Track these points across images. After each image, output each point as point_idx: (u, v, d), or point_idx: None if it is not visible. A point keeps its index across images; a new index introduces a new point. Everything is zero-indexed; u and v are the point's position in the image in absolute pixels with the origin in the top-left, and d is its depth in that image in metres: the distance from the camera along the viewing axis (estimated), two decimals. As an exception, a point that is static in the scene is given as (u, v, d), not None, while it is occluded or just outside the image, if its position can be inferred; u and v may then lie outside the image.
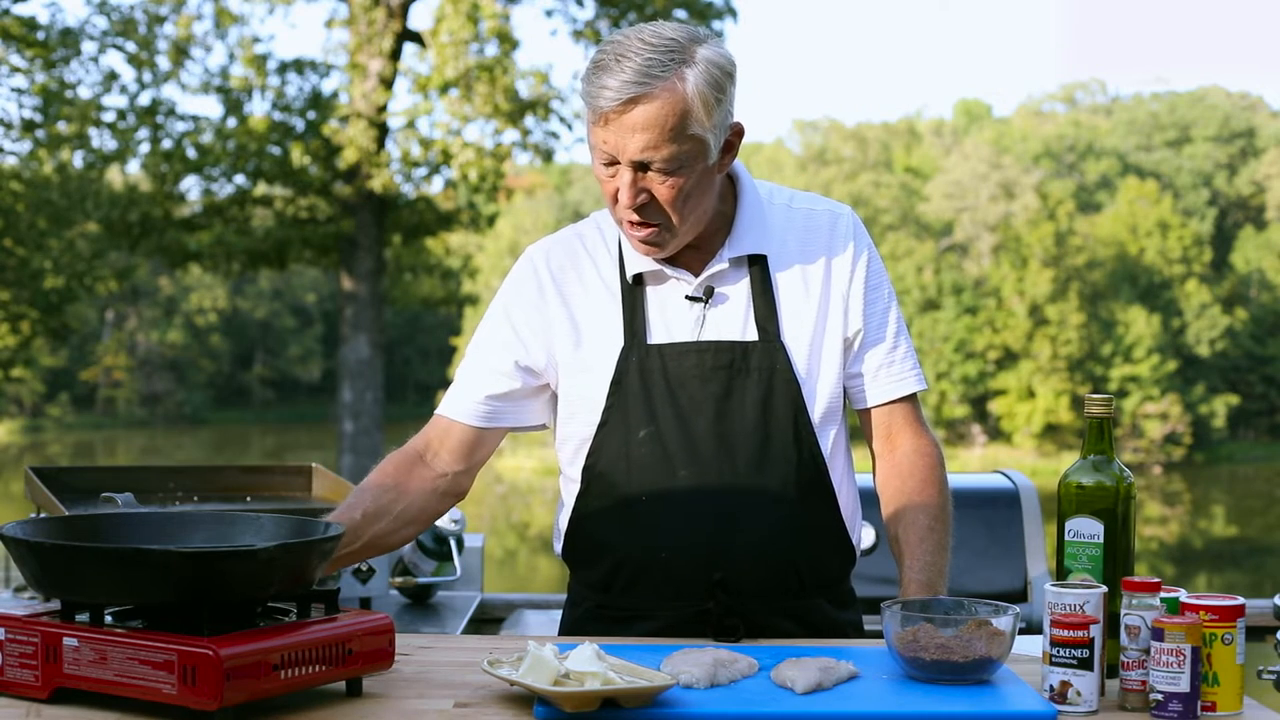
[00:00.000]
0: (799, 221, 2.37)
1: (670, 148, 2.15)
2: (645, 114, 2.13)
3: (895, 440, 2.39)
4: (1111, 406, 2.03)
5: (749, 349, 2.27)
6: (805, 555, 2.30)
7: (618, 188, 2.20)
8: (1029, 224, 40.15)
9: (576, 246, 2.38)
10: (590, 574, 2.36)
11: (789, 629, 2.28)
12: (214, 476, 3.37)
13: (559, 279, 2.35)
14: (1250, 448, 41.93)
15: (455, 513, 3.39)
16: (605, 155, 2.19)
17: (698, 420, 2.25)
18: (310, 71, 17.28)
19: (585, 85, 2.18)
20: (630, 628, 2.30)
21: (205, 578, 1.75)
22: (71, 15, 47.15)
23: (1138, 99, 51.45)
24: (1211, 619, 1.84)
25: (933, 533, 2.32)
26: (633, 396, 2.26)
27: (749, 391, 2.26)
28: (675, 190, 2.19)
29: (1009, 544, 3.75)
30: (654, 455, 2.26)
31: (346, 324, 17.18)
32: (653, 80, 2.13)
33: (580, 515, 2.33)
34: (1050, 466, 33.83)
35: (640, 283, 2.32)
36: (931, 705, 1.83)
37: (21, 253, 16.47)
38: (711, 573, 2.23)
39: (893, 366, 2.37)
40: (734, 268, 2.32)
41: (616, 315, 2.31)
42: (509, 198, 19.84)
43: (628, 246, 2.32)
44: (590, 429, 2.30)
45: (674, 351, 2.27)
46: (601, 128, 2.17)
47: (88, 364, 45.11)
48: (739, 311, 2.30)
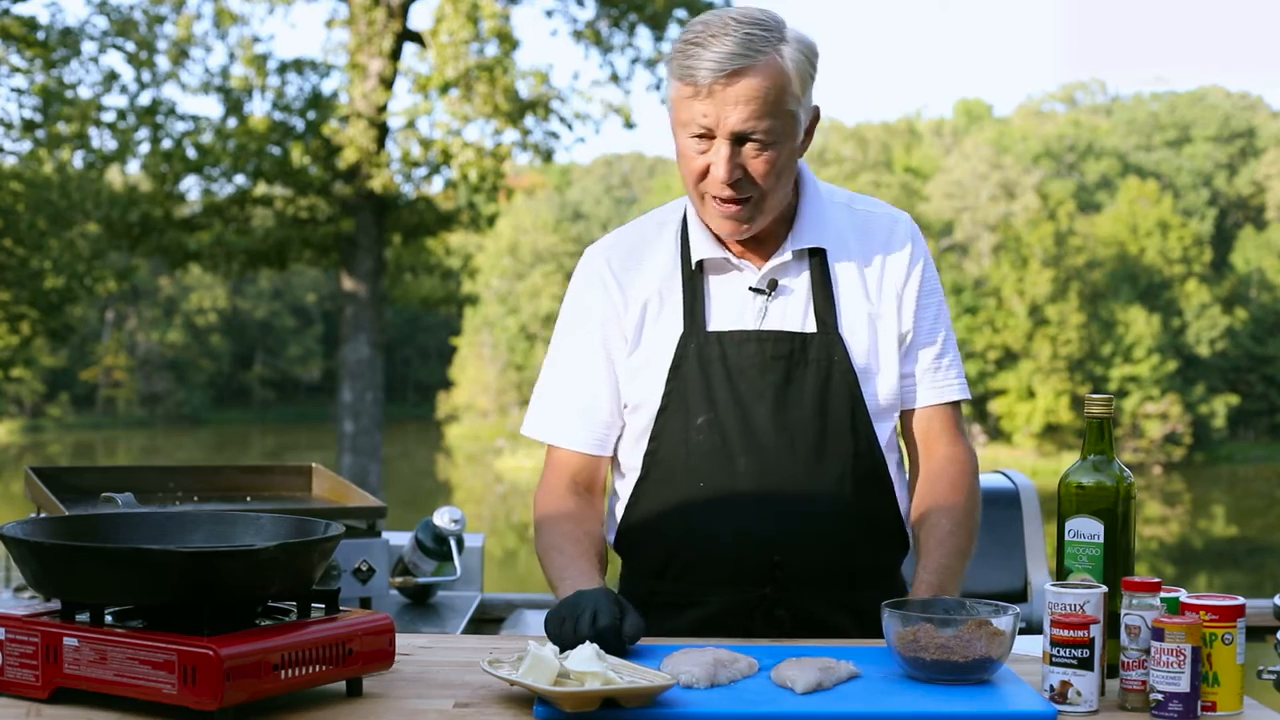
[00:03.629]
0: (859, 221, 2.40)
1: (769, 120, 2.19)
2: (749, 86, 2.17)
3: (932, 446, 2.41)
4: (1111, 406, 2.03)
5: (808, 340, 2.29)
6: (861, 545, 2.32)
7: (709, 163, 2.22)
8: (1029, 224, 40.16)
9: (637, 240, 2.41)
10: (644, 561, 2.38)
11: (840, 622, 2.29)
12: (214, 476, 3.38)
13: (621, 276, 2.37)
14: (1250, 448, 41.93)
15: (455, 512, 3.39)
16: (700, 128, 2.20)
17: (757, 408, 2.28)
18: (310, 71, 17.27)
19: (678, 59, 2.20)
20: (682, 615, 2.31)
21: (205, 578, 1.75)
22: (71, 15, 47.21)
23: (1138, 99, 51.46)
24: (1211, 619, 1.84)
25: (953, 537, 2.32)
26: (692, 383, 2.29)
27: (807, 382, 2.28)
28: (770, 165, 2.21)
29: (1009, 544, 3.75)
30: (712, 442, 2.28)
31: (346, 324, 17.17)
32: (756, 54, 2.17)
33: (638, 501, 2.36)
34: (1050, 466, 33.83)
35: (702, 271, 2.34)
36: (931, 705, 1.83)
37: (21, 253, 16.46)
38: (769, 557, 2.26)
39: (939, 372, 2.39)
40: (796, 261, 2.34)
41: (677, 302, 2.33)
42: (509, 198, 19.82)
43: (695, 234, 2.34)
44: (650, 415, 2.32)
45: (734, 339, 2.29)
46: (700, 100, 2.18)
47: (88, 364, 45.11)
48: (799, 304, 2.32)
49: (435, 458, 40.75)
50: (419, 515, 3.73)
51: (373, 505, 3.11)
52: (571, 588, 2.16)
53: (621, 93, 17.46)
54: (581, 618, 1.99)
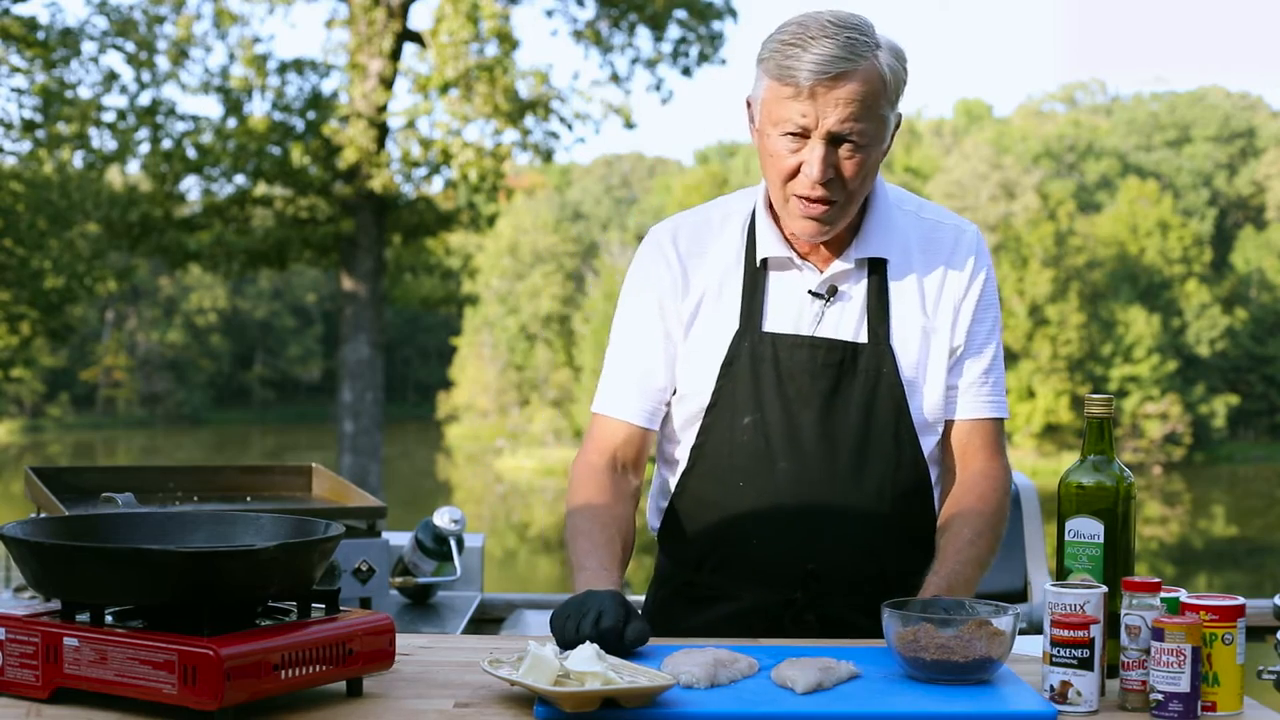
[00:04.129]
0: (925, 230, 2.40)
1: (865, 123, 2.20)
2: (851, 88, 2.18)
3: (969, 459, 2.40)
4: (1111, 406, 2.03)
5: (859, 350, 2.30)
6: (895, 556, 2.33)
7: (802, 161, 2.22)
8: (1029, 224, 40.16)
9: (704, 226, 2.41)
10: (684, 550, 2.40)
11: (864, 624, 2.29)
12: (214, 476, 3.38)
13: (685, 261, 2.37)
14: (1250, 448, 41.93)
15: (455, 512, 3.40)
16: (797, 127, 2.20)
17: (803, 414, 2.29)
18: (310, 71, 17.27)
19: (776, 59, 2.20)
20: (714, 607, 2.34)
21: (205, 578, 1.75)
22: (71, 15, 47.21)
23: (1138, 99, 51.46)
24: (1211, 619, 1.84)
25: (971, 546, 2.31)
26: (742, 381, 2.30)
27: (855, 391, 2.29)
28: (859, 167, 2.23)
29: (1009, 544, 3.75)
30: (757, 444, 2.29)
31: (346, 324, 17.17)
32: (857, 58, 2.19)
33: (683, 493, 2.37)
34: (1050, 466, 33.83)
35: (765, 269, 2.34)
36: (931, 705, 1.83)
37: (21, 253, 16.46)
38: (803, 564, 2.28)
39: (984, 387, 2.40)
40: (857, 269, 2.35)
41: (736, 297, 2.34)
42: (509, 198, 19.83)
43: (763, 230, 2.34)
44: (699, 408, 2.34)
45: (787, 342, 2.30)
46: (800, 101, 2.18)
47: (88, 364, 45.11)
48: (855, 312, 2.33)
49: (435, 458, 40.77)
50: (419, 515, 3.73)
51: (373, 505, 3.11)
52: (586, 583, 2.16)
53: (621, 93, 17.48)
54: (585, 618, 1.99)
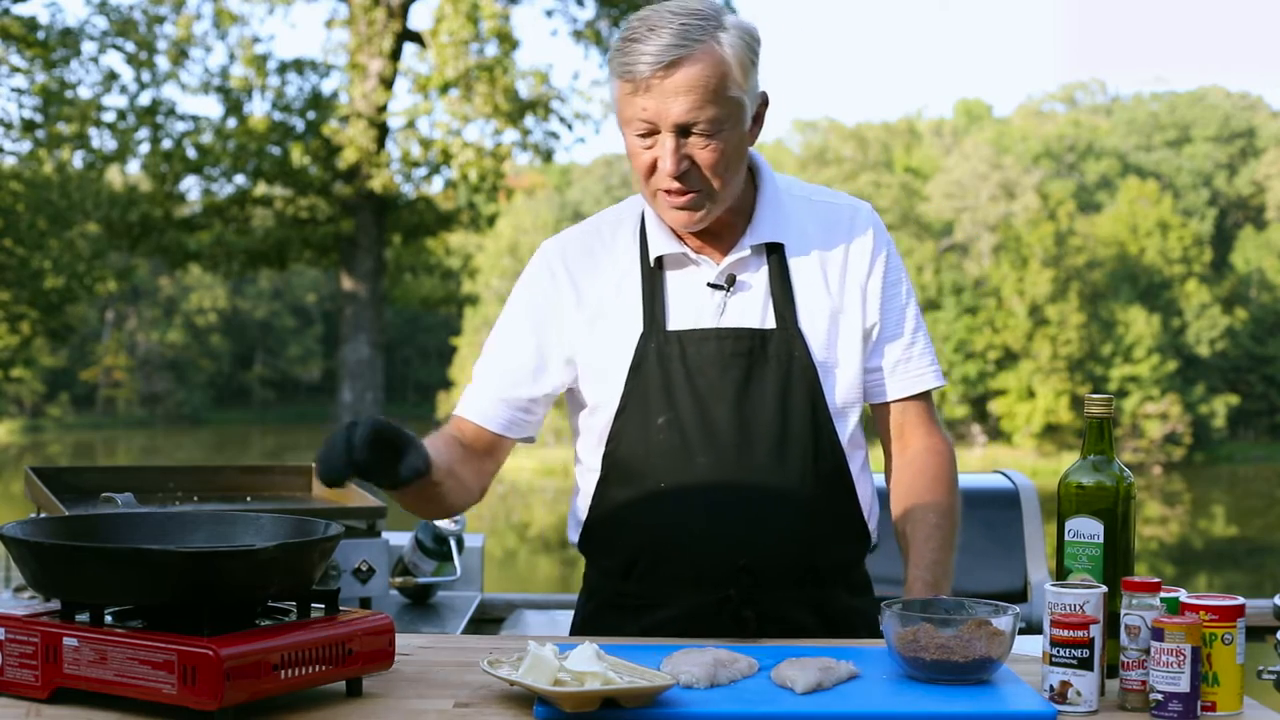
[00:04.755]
0: (818, 213, 2.37)
1: (712, 109, 2.17)
2: (688, 75, 2.15)
3: (908, 438, 2.40)
4: (1111, 406, 2.03)
5: (767, 336, 2.27)
6: (823, 543, 2.30)
7: (656, 158, 2.20)
8: (1029, 224, 40.15)
9: (593, 237, 2.38)
10: (609, 561, 2.36)
11: (804, 620, 2.28)
12: (214, 476, 3.38)
13: (575, 272, 2.34)
14: (1250, 448, 41.93)
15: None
16: (644, 125, 2.18)
17: (717, 407, 2.26)
18: (310, 71, 17.29)
19: (617, 58, 2.19)
20: (649, 616, 2.30)
21: (205, 578, 1.75)
22: (71, 15, 47.18)
23: (1138, 99, 51.46)
24: (1211, 619, 1.84)
25: (939, 530, 2.32)
26: (651, 382, 2.27)
27: (768, 379, 2.26)
28: (717, 154, 2.20)
29: (1009, 544, 3.75)
30: (672, 442, 2.26)
31: (346, 324, 17.18)
32: (692, 43, 2.15)
33: (600, 502, 2.33)
34: (1050, 466, 33.83)
35: (660, 268, 2.32)
36: (931, 705, 1.83)
37: (21, 253, 16.47)
38: (734, 559, 2.25)
39: (910, 362, 2.37)
40: (754, 256, 2.32)
41: (636, 300, 2.31)
42: (509, 198, 19.84)
43: (653, 230, 2.32)
44: (609, 415, 2.30)
45: (693, 338, 2.27)
46: (641, 96, 2.16)
47: (88, 364, 45.11)
48: (759, 300, 2.30)
49: (435, 458, 40.70)
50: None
51: (373, 505, 3.11)
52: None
53: (621, 93, 17.46)
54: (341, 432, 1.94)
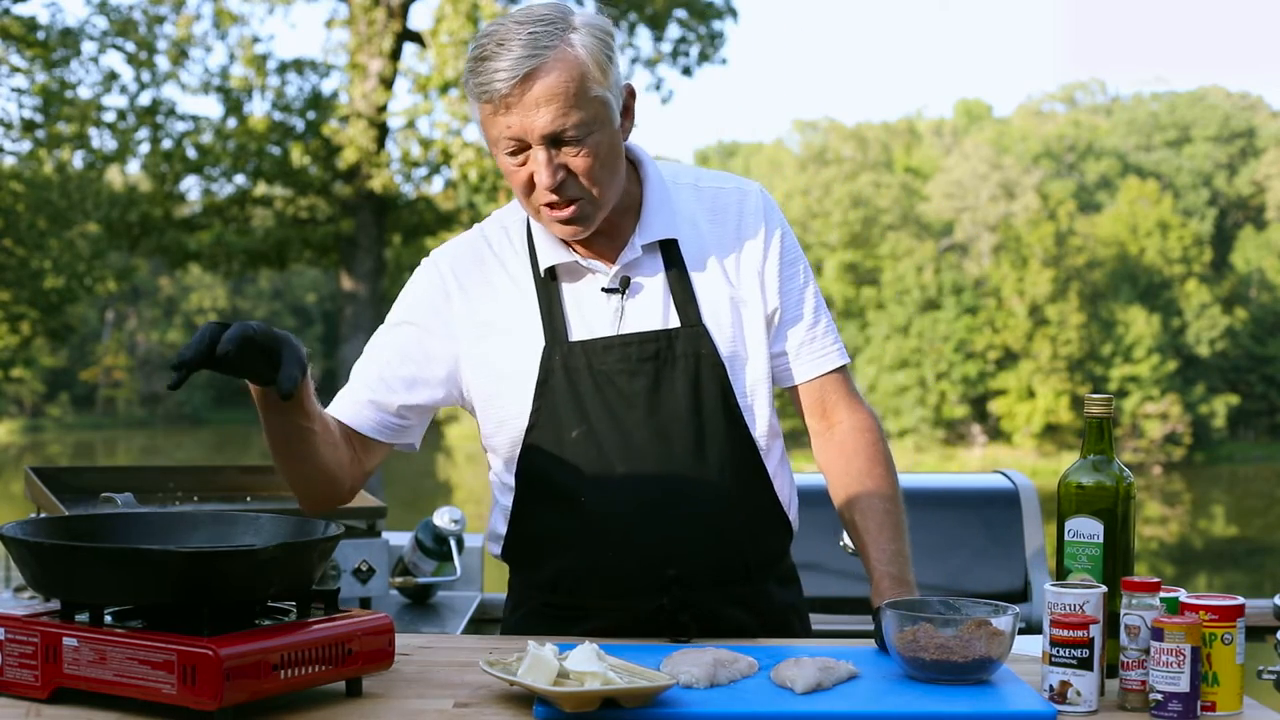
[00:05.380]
0: (707, 201, 2.33)
1: (577, 114, 2.11)
2: (546, 85, 2.09)
3: (831, 415, 2.37)
4: (1111, 406, 2.02)
5: (673, 337, 2.24)
6: (749, 538, 2.28)
7: (530, 173, 2.15)
8: (1029, 224, 40.15)
9: (483, 248, 2.32)
10: (535, 575, 2.32)
11: (739, 618, 2.27)
12: (214, 476, 3.38)
13: (466, 282, 2.28)
14: (1250, 448, 41.92)
15: (455, 512, 3.40)
16: (511, 143, 2.13)
17: (630, 414, 2.22)
18: (310, 71, 17.29)
19: (472, 79, 2.13)
20: (578, 626, 2.27)
21: (205, 578, 1.75)
22: (71, 15, 47.18)
23: (1138, 99, 51.44)
24: (1211, 619, 1.84)
25: (890, 515, 2.30)
26: (560, 397, 2.22)
27: (677, 380, 2.23)
28: (591, 159, 2.14)
29: (1009, 544, 3.75)
30: (589, 454, 2.22)
31: (346, 324, 17.18)
32: (544, 50, 2.09)
33: (519, 518, 2.29)
34: (1050, 466, 33.83)
35: (554, 278, 2.27)
36: (931, 705, 1.83)
37: (21, 253, 16.47)
38: (663, 568, 2.21)
39: (815, 343, 2.35)
40: (648, 254, 2.28)
41: (533, 314, 2.25)
42: (509, 198, 19.84)
43: (540, 240, 2.27)
44: (519, 433, 2.25)
45: (597, 347, 2.22)
46: (503, 115, 2.11)
47: (88, 364, 45.12)
48: (657, 299, 2.26)
49: (435, 458, 40.75)
50: (419, 515, 3.73)
51: (373, 505, 3.12)
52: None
53: (621, 92, 17.46)
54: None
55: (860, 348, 39.58)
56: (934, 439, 39.35)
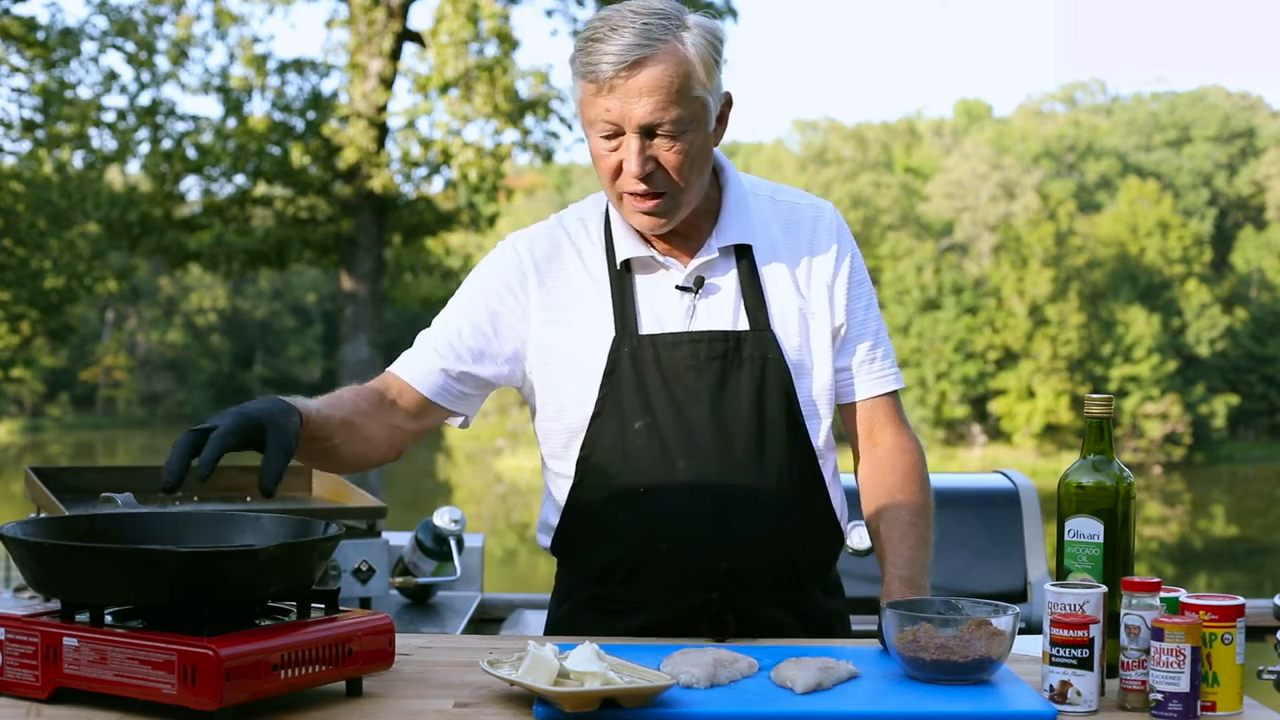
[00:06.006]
0: (783, 213, 2.37)
1: (676, 109, 2.15)
2: (651, 76, 2.12)
3: (877, 437, 2.40)
4: (1111, 406, 2.03)
5: (741, 339, 2.26)
6: (800, 544, 2.30)
7: (621, 160, 2.18)
8: (1029, 224, 40.16)
9: (560, 235, 2.35)
10: (585, 566, 2.34)
11: (783, 620, 2.28)
12: (214, 476, 3.36)
13: (543, 268, 2.32)
14: (1250, 448, 41.93)
15: (455, 512, 3.40)
16: (607, 127, 2.16)
17: (694, 411, 2.24)
18: (310, 71, 17.28)
19: (580, 59, 2.16)
20: (625, 620, 2.28)
21: (205, 578, 1.75)
22: (71, 15, 47.20)
23: (1138, 99, 51.44)
24: (1211, 619, 1.84)
25: (914, 528, 2.32)
26: (626, 388, 2.25)
27: (743, 381, 2.25)
28: (682, 155, 2.17)
29: (1009, 544, 3.75)
30: (651, 447, 2.24)
31: (346, 324, 17.18)
32: (655, 42, 2.12)
33: (574, 508, 2.31)
34: (1050, 466, 33.82)
35: (629, 271, 2.30)
36: (931, 705, 1.83)
37: (21, 253, 16.47)
38: (716, 563, 2.23)
39: (874, 364, 2.38)
40: (722, 257, 2.31)
41: (605, 305, 2.29)
42: (509, 198, 19.83)
43: (619, 233, 2.30)
44: (582, 421, 2.27)
45: (667, 342, 2.25)
46: (604, 97, 2.14)
47: (88, 364, 45.11)
48: (728, 301, 2.29)
49: (435, 458, 40.75)
50: (419, 515, 3.73)
51: (373, 505, 3.12)
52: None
53: (621, 93, 17.46)
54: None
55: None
56: (934, 439, 39.35)
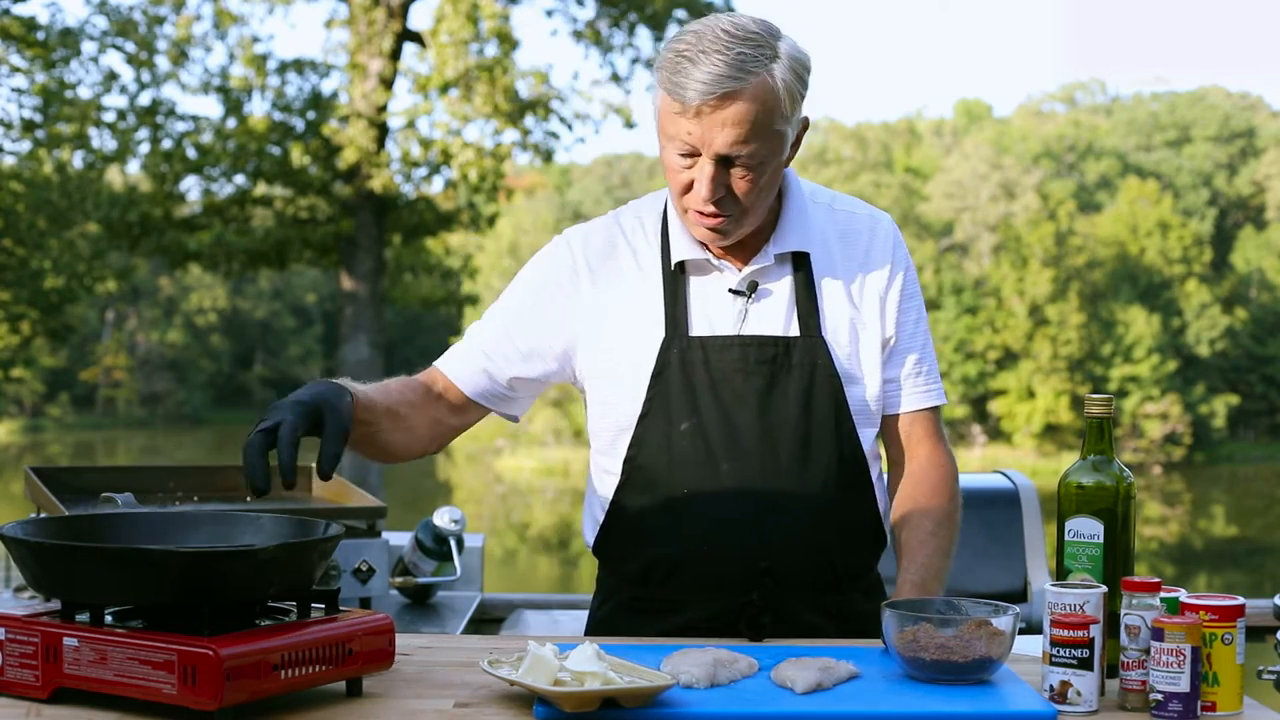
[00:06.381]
0: (840, 223, 2.37)
1: (756, 144, 2.15)
2: (738, 109, 2.12)
3: (914, 450, 2.41)
4: (1111, 406, 2.03)
5: (791, 344, 2.27)
6: (843, 548, 2.31)
7: (693, 178, 2.18)
8: (1029, 224, 40.16)
9: (616, 234, 2.36)
10: (627, 566, 2.35)
11: (820, 624, 2.29)
12: (214, 476, 3.38)
13: (596, 266, 2.33)
14: (1250, 448, 41.94)
15: (455, 512, 3.40)
16: (686, 146, 2.16)
17: (741, 414, 2.25)
18: (310, 71, 17.28)
19: (668, 75, 2.15)
20: (665, 620, 2.29)
21: (205, 578, 1.75)
22: (71, 15, 47.21)
23: (1138, 99, 51.45)
24: (1211, 619, 1.84)
25: (934, 538, 2.33)
26: (675, 388, 2.26)
27: (791, 386, 2.26)
28: (753, 184, 2.18)
29: (1009, 544, 3.75)
30: (696, 448, 2.25)
31: (346, 324, 17.18)
32: (746, 75, 2.11)
33: (619, 507, 2.32)
34: (1050, 466, 33.82)
35: (683, 272, 2.31)
36: (931, 705, 1.83)
37: (21, 253, 16.46)
38: (756, 564, 2.24)
39: (920, 377, 2.39)
40: (778, 264, 2.31)
41: (657, 304, 2.30)
42: (509, 198, 19.83)
43: (675, 233, 2.31)
44: (629, 420, 2.28)
45: (717, 345, 2.26)
46: (688, 119, 2.14)
47: (88, 364, 45.11)
48: (780, 307, 2.30)
49: (435, 458, 40.80)
50: (419, 515, 3.73)
51: (373, 505, 3.11)
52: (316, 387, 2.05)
53: (622, 93, 17.55)
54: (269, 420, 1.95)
55: (860, 348, 39.53)
56: (934, 439, 39.29)
